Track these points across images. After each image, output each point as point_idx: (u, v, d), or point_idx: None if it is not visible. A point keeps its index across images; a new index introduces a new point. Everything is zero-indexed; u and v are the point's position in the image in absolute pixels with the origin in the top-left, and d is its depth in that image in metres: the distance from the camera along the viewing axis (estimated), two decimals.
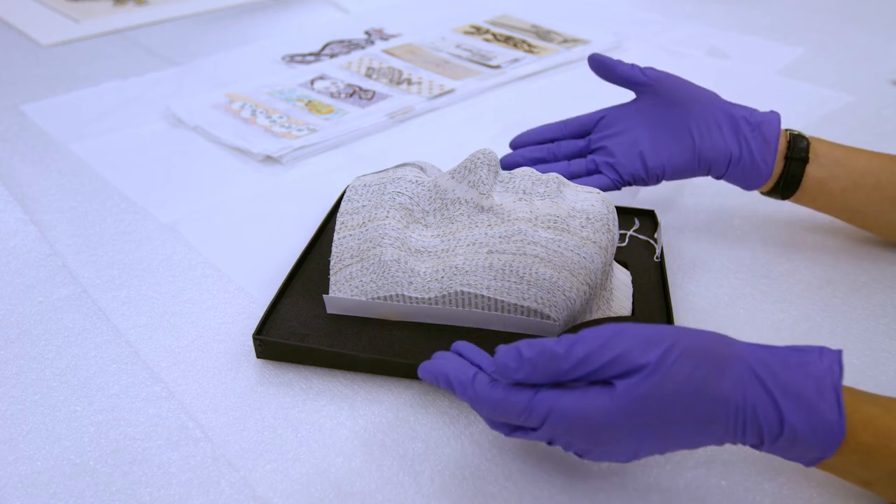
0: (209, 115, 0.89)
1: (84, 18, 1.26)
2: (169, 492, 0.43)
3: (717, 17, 1.23)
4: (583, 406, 0.36)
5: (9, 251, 0.65)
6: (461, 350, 0.43)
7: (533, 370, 0.37)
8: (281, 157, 0.80)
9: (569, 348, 0.36)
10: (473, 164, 0.53)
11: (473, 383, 0.39)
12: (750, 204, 0.70)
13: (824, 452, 0.36)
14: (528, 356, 0.37)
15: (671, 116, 0.60)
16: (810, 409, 0.35)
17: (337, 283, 0.52)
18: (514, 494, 0.42)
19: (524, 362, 0.37)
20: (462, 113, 0.91)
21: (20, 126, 0.89)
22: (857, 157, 0.58)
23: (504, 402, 0.37)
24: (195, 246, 0.65)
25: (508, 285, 0.49)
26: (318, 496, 0.42)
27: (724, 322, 0.55)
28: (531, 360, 0.37)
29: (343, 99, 0.93)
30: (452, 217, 0.53)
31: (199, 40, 1.18)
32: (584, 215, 0.52)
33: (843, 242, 0.64)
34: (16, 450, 0.46)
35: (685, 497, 0.42)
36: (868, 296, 0.58)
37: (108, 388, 0.50)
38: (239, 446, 0.46)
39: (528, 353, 0.37)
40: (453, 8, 1.29)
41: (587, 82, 1.00)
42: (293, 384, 0.50)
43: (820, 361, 0.36)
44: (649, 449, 0.37)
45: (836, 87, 0.95)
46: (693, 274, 0.60)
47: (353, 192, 0.56)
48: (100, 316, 0.57)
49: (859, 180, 0.57)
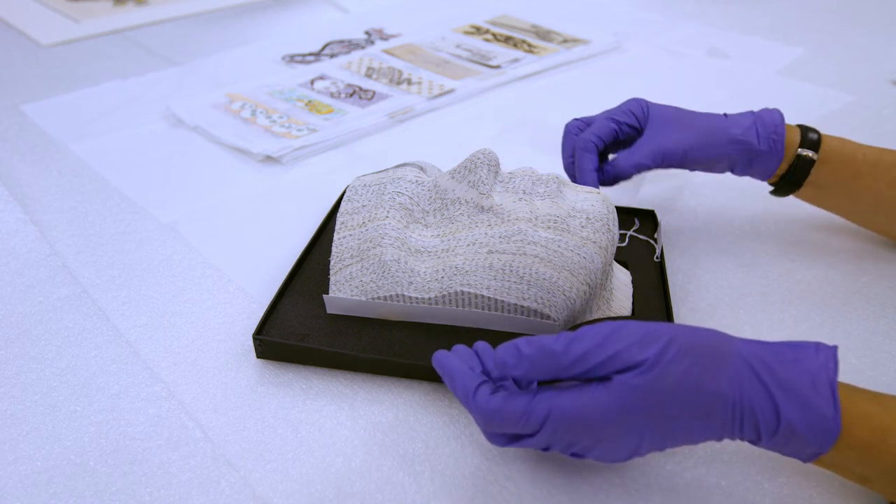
0: (209, 115, 0.89)
1: (84, 18, 1.26)
2: (169, 492, 0.43)
3: (717, 17, 1.23)
4: (582, 404, 0.36)
5: (9, 251, 0.65)
6: (478, 350, 0.42)
7: (531, 367, 0.37)
8: (281, 157, 0.80)
9: (567, 345, 0.37)
10: (473, 164, 0.53)
11: (475, 394, 0.39)
12: (750, 204, 0.70)
13: (821, 448, 0.36)
14: (527, 353, 0.37)
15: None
16: (806, 404, 0.35)
17: (337, 283, 0.52)
18: (514, 494, 0.42)
19: (523, 359, 0.37)
20: (462, 113, 0.91)
21: (20, 126, 0.89)
22: (872, 151, 0.58)
23: (502, 409, 0.37)
24: (195, 246, 0.65)
25: (508, 285, 0.49)
26: (318, 496, 0.42)
27: (724, 322, 0.55)
28: (529, 357, 0.37)
29: (343, 99, 0.93)
30: (452, 217, 0.53)
31: (199, 40, 1.18)
32: (584, 215, 0.52)
33: (843, 242, 0.64)
34: (16, 450, 0.46)
35: (685, 497, 0.42)
36: (868, 296, 0.58)
37: (108, 388, 0.50)
38: (239, 446, 0.46)
39: (527, 350, 0.37)
40: (453, 8, 1.29)
41: (587, 82, 1.01)
42: (293, 384, 0.50)
43: (816, 357, 0.37)
44: (649, 445, 0.37)
45: (836, 87, 0.95)
46: (693, 274, 0.60)
47: (353, 192, 0.56)
48: (100, 316, 0.57)
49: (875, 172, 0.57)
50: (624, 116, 0.60)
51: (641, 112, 0.60)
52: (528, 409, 0.37)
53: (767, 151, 0.57)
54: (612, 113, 0.61)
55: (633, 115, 0.60)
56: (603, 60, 1.06)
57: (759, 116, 0.58)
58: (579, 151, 0.60)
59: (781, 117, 0.58)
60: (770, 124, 0.57)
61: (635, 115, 0.60)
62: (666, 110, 0.60)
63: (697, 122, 0.58)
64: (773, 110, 0.59)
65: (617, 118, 0.60)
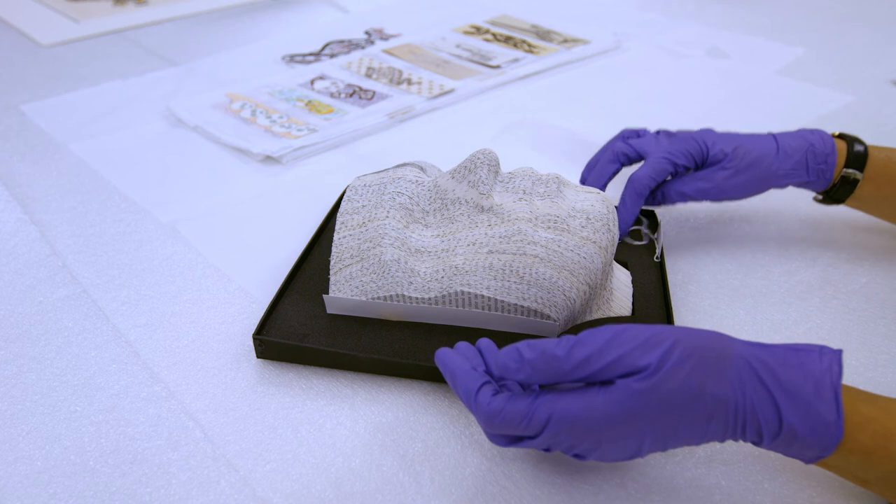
0: (209, 115, 0.89)
1: (84, 18, 1.26)
2: (169, 492, 0.43)
3: (717, 17, 1.23)
4: (583, 407, 0.36)
5: (9, 251, 0.65)
6: (481, 348, 0.42)
7: (533, 371, 0.37)
8: (281, 157, 0.80)
9: (569, 350, 0.37)
10: (473, 164, 0.53)
11: (477, 395, 0.39)
12: (750, 204, 0.70)
13: (823, 452, 0.36)
14: (529, 357, 0.37)
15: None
16: (808, 408, 0.35)
17: (337, 283, 0.53)
18: (514, 494, 0.42)
19: (525, 364, 0.37)
20: (462, 113, 0.91)
21: (20, 126, 0.89)
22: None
23: (504, 412, 0.37)
24: (195, 246, 0.65)
25: (508, 285, 0.49)
26: (318, 496, 0.42)
27: (724, 322, 0.55)
28: (531, 362, 0.37)
29: (343, 99, 0.93)
30: (452, 217, 0.53)
31: (199, 40, 1.18)
32: (584, 215, 0.52)
33: (844, 243, 0.64)
34: (16, 450, 0.46)
35: (685, 497, 0.42)
36: (868, 297, 0.58)
37: (107, 388, 0.50)
38: (239, 446, 0.46)
39: (529, 355, 0.37)
40: (453, 8, 1.29)
41: (587, 82, 1.01)
42: (293, 384, 0.50)
43: (819, 361, 0.37)
44: (650, 447, 0.37)
45: (836, 87, 0.95)
46: (693, 274, 0.60)
47: (353, 192, 0.56)
48: (100, 316, 0.57)
49: None
50: (682, 159, 0.60)
51: (700, 153, 0.60)
52: (530, 411, 0.37)
53: (815, 181, 0.59)
54: (670, 152, 0.60)
55: (691, 159, 0.60)
56: (603, 60, 1.06)
57: (811, 147, 0.59)
58: (631, 190, 0.60)
59: (833, 146, 0.59)
60: (821, 154, 0.58)
61: (693, 159, 0.60)
62: (725, 147, 0.59)
63: (756, 166, 0.58)
64: (827, 138, 0.59)
65: (675, 161, 0.60)
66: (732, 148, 0.59)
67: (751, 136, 0.60)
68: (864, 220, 0.67)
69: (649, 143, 0.62)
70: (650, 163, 0.60)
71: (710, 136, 0.60)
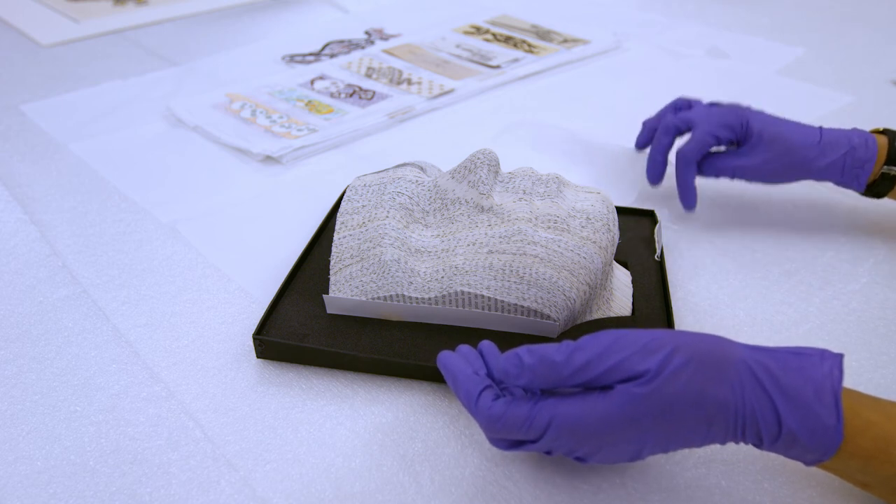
0: (209, 115, 0.89)
1: (84, 18, 1.26)
2: (169, 492, 0.43)
3: (717, 17, 1.23)
4: (584, 411, 0.36)
5: (9, 251, 0.65)
6: (483, 351, 0.42)
7: (533, 377, 0.37)
8: (281, 157, 0.80)
9: (568, 356, 0.37)
10: (473, 164, 0.53)
11: (478, 399, 0.39)
12: (750, 205, 0.70)
13: (822, 455, 0.36)
14: (529, 363, 0.37)
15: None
16: (808, 412, 0.35)
17: (337, 283, 0.52)
18: (514, 494, 0.42)
19: (525, 369, 0.37)
20: (462, 113, 0.91)
21: (20, 126, 0.89)
22: None
23: (504, 416, 0.37)
24: (195, 246, 0.65)
25: (508, 285, 0.49)
26: (318, 496, 0.42)
27: (724, 322, 0.55)
28: (531, 367, 0.37)
29: (343, 99, 0.93)
30: (452, 217, 0.53)
31: (199, 40, 1.18)
32: (584, 215, 0.52)
33: (844, 244, 0.64)
34: (16, 450, 0.46)
35: (685, 497, 0.42)
36: (868, 297, 0.58)
37: (107, 388, 0.50)
38: (239, 446, 0.46)
39: (529, 360, 0.37)
40: (453, 8, 1.29)
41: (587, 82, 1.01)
42: (293, 384, 0.50)
43: (820, 365, 0.36)
44: (651, 450, 0.37)
45: (836, 87, 0.95)
46: (693, 274, 0.60)
47: (353, 192, 0.56)
48: (100, 316, 0.57)
49: None
50: (724, 132, 0.62)
51: (740, 127, 0.62)
52: (531, 415, 0.37)
53: (848, 182, 0.61)
54: (713, 125, 0.62)
55: (732, 131, 0.62)
56: (603, 60, 1.06)
57: (852, 150, 0.60)
58: (681, 163, 0.63)
59: (875, 154, 0.59)
60: (860, 160, 0.59)
61: (734, 131, 0.62)
62: (766, 127, 0.61)
63: (792, 154, 0.60)
64: (872, 145, 0.60)
65: (717, 134, 0.62)
66: (770, 130, 0.61)
67: (796, 125, 0.62)
68: (864, 220, 0.67)
69: (698, 113, 0.65)
70: (695, 136, 0.63)
71: (754, 115, 0.62)
